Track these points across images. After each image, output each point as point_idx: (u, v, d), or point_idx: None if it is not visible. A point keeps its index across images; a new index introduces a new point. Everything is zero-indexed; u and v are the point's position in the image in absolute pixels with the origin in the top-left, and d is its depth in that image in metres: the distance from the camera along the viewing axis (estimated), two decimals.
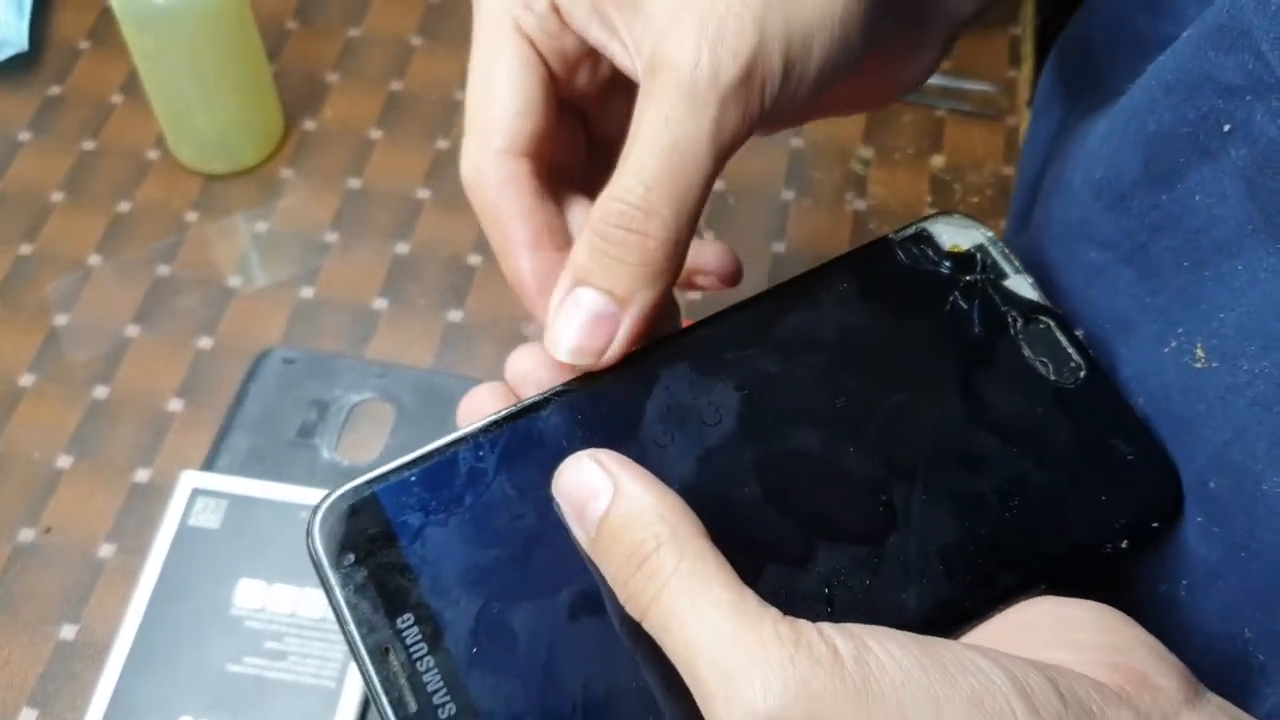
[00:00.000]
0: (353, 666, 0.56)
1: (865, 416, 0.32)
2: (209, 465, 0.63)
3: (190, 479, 0.61)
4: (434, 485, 0.30)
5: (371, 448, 0.63)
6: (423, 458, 0.31)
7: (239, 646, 0.57)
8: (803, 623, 0.25)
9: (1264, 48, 0.33)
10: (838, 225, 0.72)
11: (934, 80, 0.78)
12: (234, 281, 0.70)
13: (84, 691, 0.56)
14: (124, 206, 0.73)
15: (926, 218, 0.36)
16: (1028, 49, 0.80)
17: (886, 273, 0.35)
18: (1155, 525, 0.32)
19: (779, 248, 0.71)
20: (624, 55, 0.35)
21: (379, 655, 0.28)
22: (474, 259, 0.71)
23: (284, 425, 0.64)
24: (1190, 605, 0.36)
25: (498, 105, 0.35)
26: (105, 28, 0.81)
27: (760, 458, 0.31)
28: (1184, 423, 0.36)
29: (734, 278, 0.42)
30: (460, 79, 0.79)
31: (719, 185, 0.74)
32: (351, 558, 0.29)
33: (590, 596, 0.29)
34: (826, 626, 0.25)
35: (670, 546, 0.26)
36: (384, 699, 0.27)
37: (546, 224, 0.36)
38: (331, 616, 0.44)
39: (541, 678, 0.28)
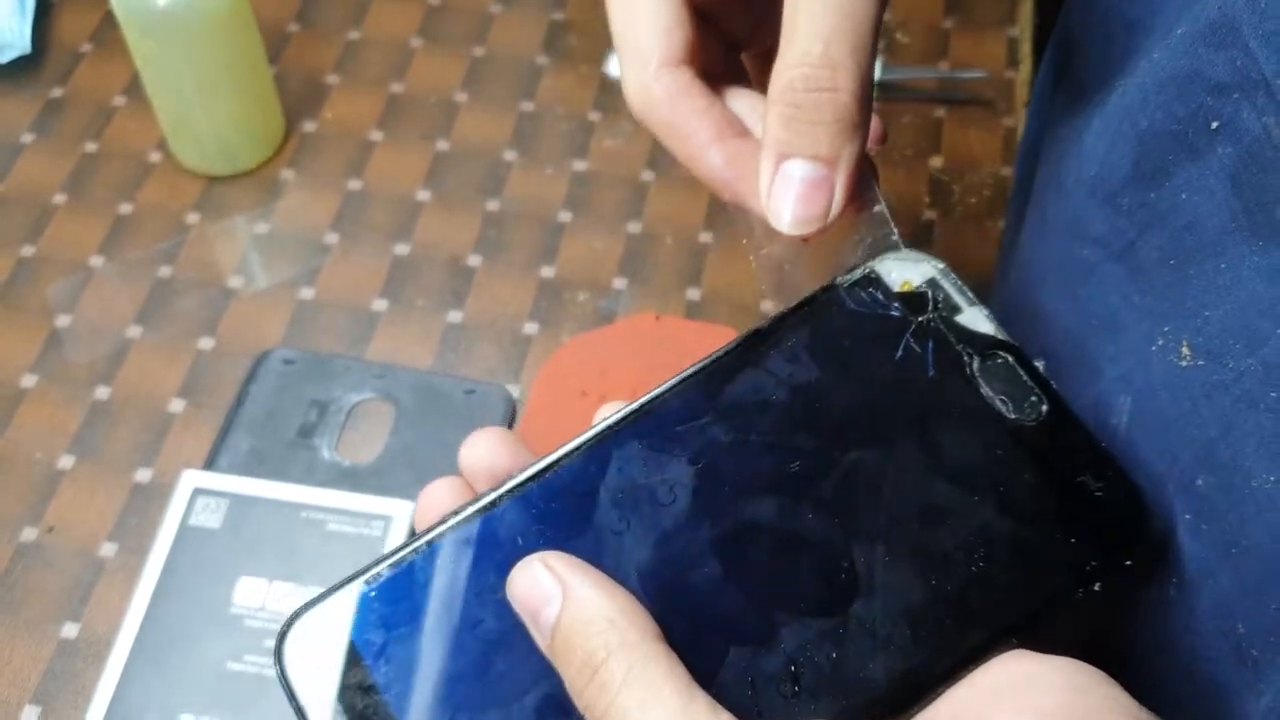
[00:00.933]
0: None
1: (822, 479, 0.31)
2: (210, 465, 0.63)
3: (191, 478, 0.61)
4: (394, 598, 0.30)
5: (371, 447, 0.64)
6: (381, 569, 0.31)
7: (239, 645, 0.57)
8: None
9: (1252, 44, 0.33)
10: None
11: (930, 74, 0.78)
12: (235, 283, 0.70)
13: (86, 689, 0.57)
14: (125, 208, 0.73)
15: (874, 257, 0.35)
16: (1026, 50, 0.80)
17: (835, 323, 0.34)
18: (1129, 563, 0.31)
19: None
20: None
21: None
22: (474, 260, 0.71)
23: (284, 425, 0.64)
24: (1180, 604, 0.36)
25: (645, 25, 0.36)
26: (107, 31, 0.81)
27: (717, 535, 0.30)
28: (1171, 420, 0.36)
29: (882, 137, 0.44)
30: (459, 82, 0.79)
31: None
32: (317, 679, 0.29)
33: (557, 697, 0.28)
34: None
35: (619, 655, 0.26)
36: None
37: (722, 117, 0.37)
38: None
39: None
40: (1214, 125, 0.37)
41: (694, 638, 0.27)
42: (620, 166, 0.75)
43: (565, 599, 0.27)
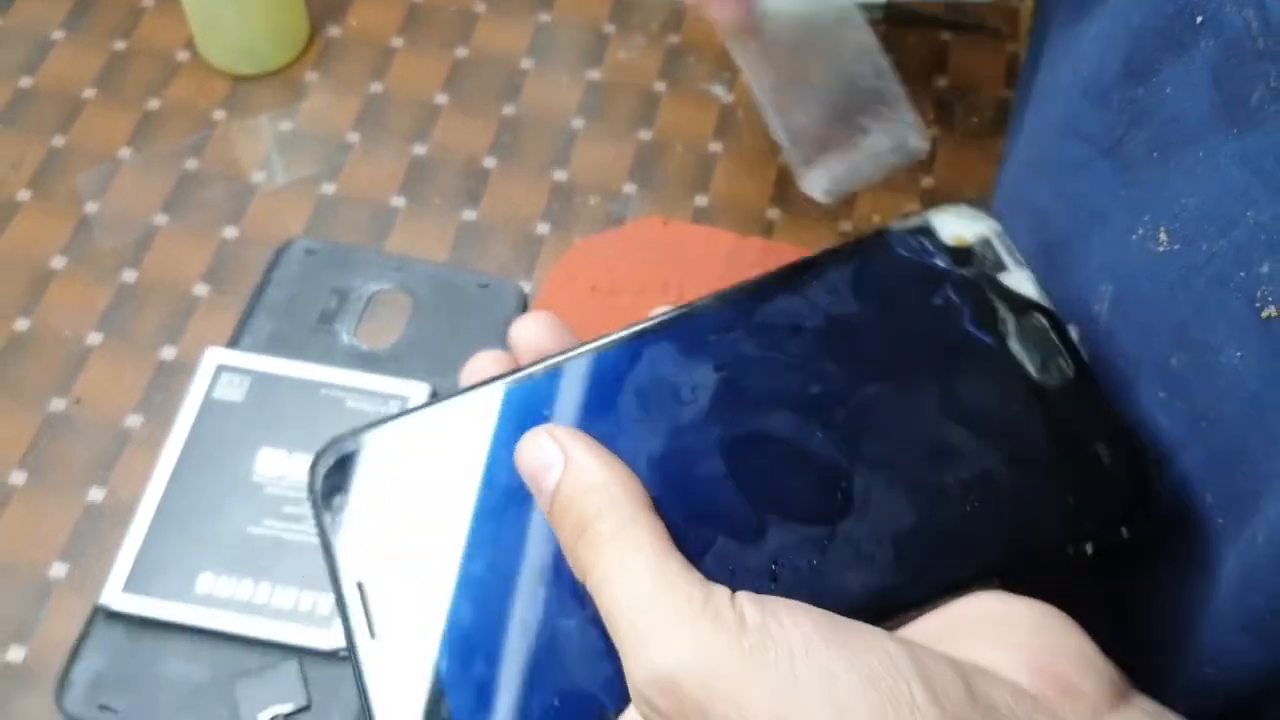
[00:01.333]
0: None
1: (837, 403, 0.32)
2: (233, 345, 0.66)
3: (215, 355, 0.64)
4: (425, 438, 0.32)
5: (388, 334, 0.66)
6: (420, 411, 0.32)
7: (259, 510, 0.60)
8: (718, 589, 0.27)
9: None
10: None
11: None
12: (258, 177, 0.73)
13: (111, 549, 0.59)
14: (153, 104, 0.76)
15: (932, 209, 0.36)
16: None
17: (881, 264, 0.35)
18: (1124, 533, 0.32)
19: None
20: None
21: (356, 590, 0.30)
22: (489, 162, 0.74)
23: (305, 311, 0.67)
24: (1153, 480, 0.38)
25: None
26: None
27: (728, 436, 0.32)
28: (1148, 304, 0.38)
29: None
30: None
31: (728, 99, 0.76)
32: (342, 500, 0.31)
33: (555, 556, 0.30)
34: (743, 595, 0.27)
35: (609, 514, 0.28)
36: (354, 633, 0.29)
37: None
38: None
39: (509, 626, 0.30)
40: (1198, 20, 0.40)
41: (686, 522, 0.29)
42: (633, 77, 0.78)
43: (566, 466, 0.29)
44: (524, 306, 0.68)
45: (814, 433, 0.32)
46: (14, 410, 0.64)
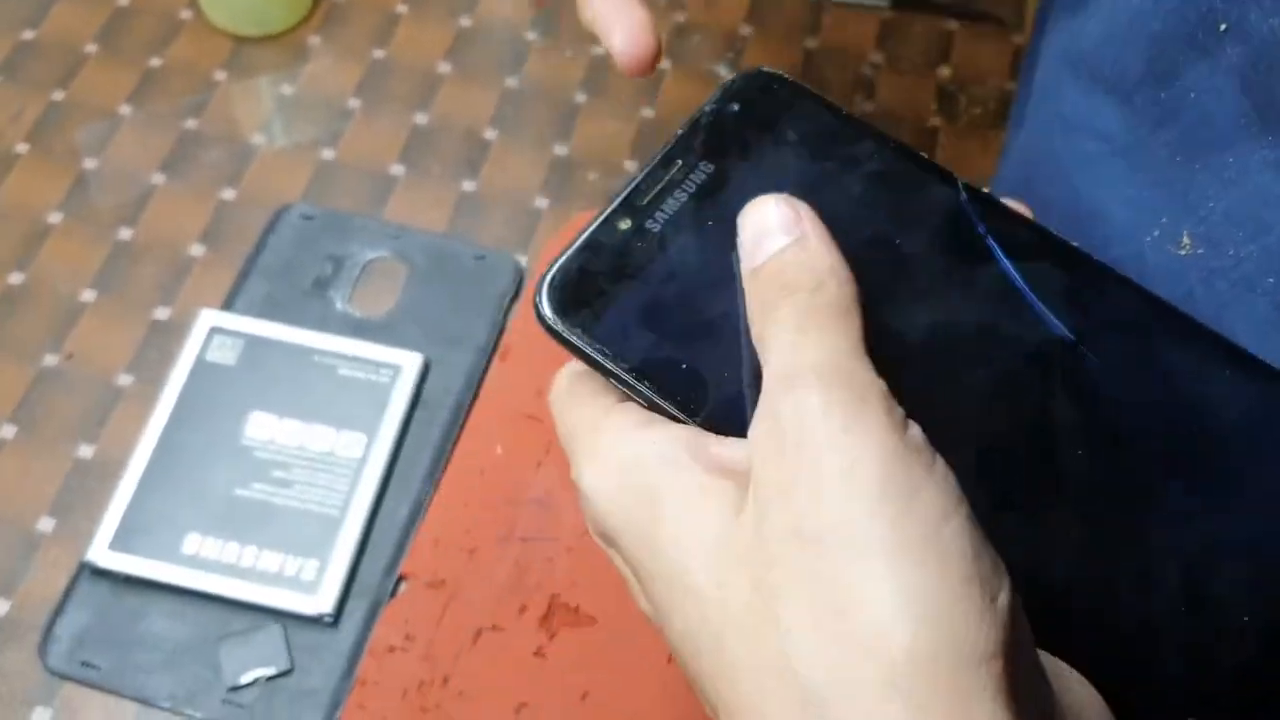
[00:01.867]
0: (356, 496, 0.59)
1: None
2: (227, 307, 0.66)
3: (209, 317, 0.64)
4: (632, 237, 0.32)
5: (383, 303, 0.66)
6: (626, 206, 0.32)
7: (248, 473, 0.60)
8: (899, 409, 0.26)
9: None
10: None
11: None
12: (258, 140, 0.73)
13: (99, 505, 0.59)
14: (155, 62, 0.75)
15: None
16: None
17: None
18: None
19: None
20: None
21: (637, 375, 0.30)
22: (490, 134, 0.73)
23: (300, 276, 0.67)
24: None
25: None
26: None
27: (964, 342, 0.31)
28: None
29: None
30: None
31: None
32: (582, 313, 0.31)
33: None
34: (915, 429, 0.26)
35: (824, 290, 0.28)
36: (663, 402, 0.29)
37: None
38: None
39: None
40: (1222, 27, 0.40)
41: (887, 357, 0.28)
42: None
43: (801, 239, 0.29)
44: (520, 281, 0.68)
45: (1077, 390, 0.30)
46: (6, 364, 0.64)
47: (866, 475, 0.25)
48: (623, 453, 0.29)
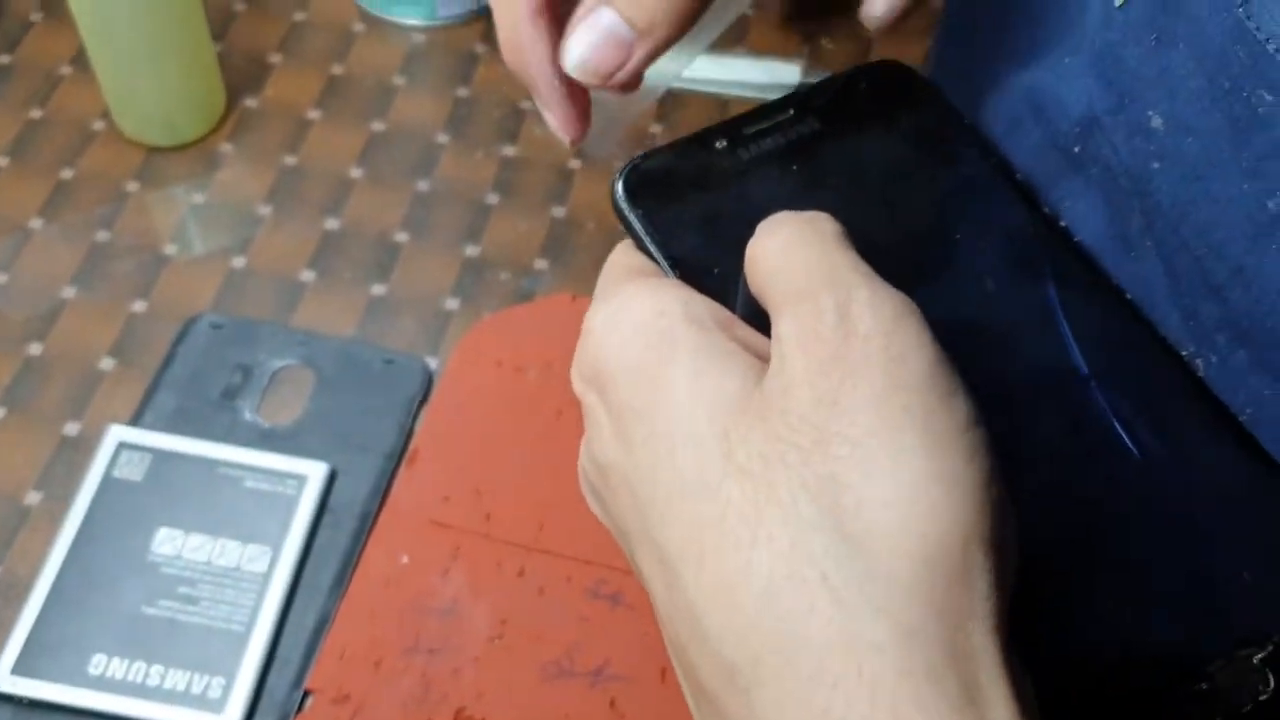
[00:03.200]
0: (262, 611, 0.59)
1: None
2: (136, 422, 0.66)
3: (117, 433, 0.64)
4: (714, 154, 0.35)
5: (291, 411, 0.67)
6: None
7: (155, 590, 0.60)
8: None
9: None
10: None
11: None
12: (170, 249, 0.73)
13: (3, 629, 0.59)
14: (67, 174, 0.76)
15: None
16: None
17: None
18: None
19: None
20: None
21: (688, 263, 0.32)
22: (401, 236, 0.74)
23: (209, 386, 0.67)
24: None
25: None
26: (56, 1, 0.84)
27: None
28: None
29: None
30: (398, 67, 0.82)
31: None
32: (648, 201, 0.33)
33: None
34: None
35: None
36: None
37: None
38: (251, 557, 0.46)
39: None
40: (1076, 150, 0.42)
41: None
42: (549, 154, 0.79)
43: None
44: (428, 383, 0.68)
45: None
46: None
47: (914, 367, 0.26)
48: (647, 302, 0.29)
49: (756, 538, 0.25)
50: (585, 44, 0.35)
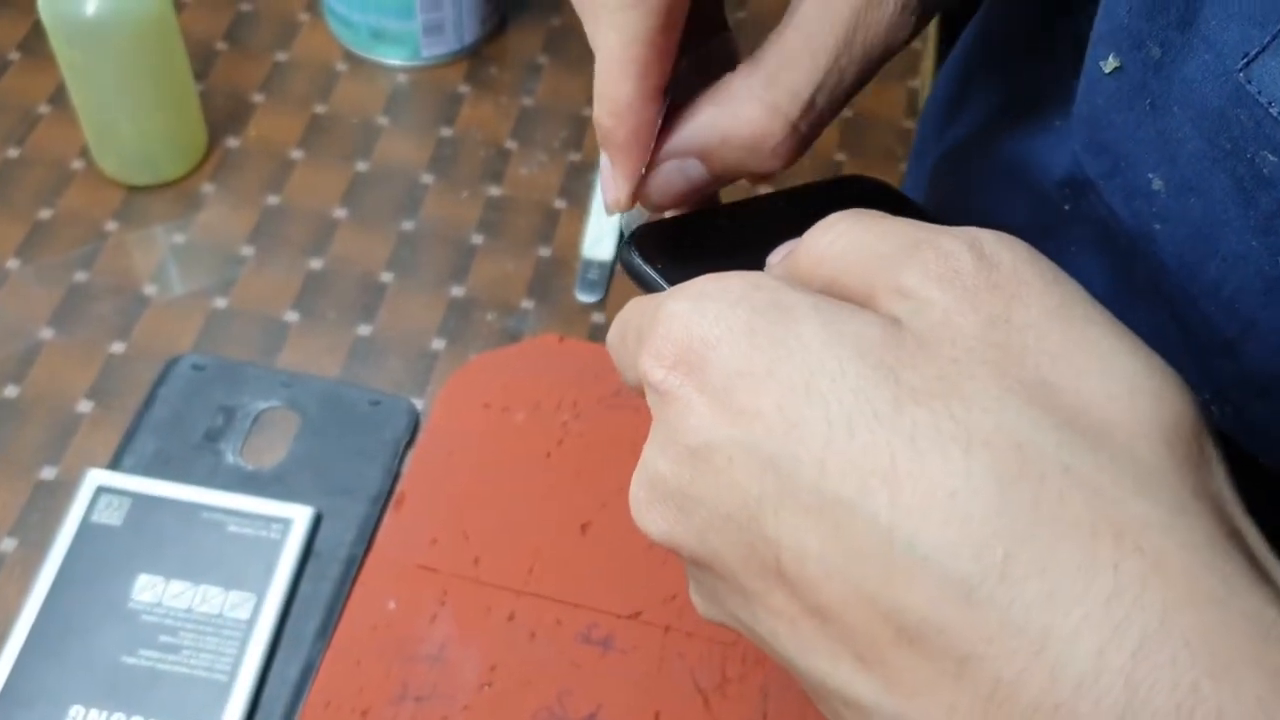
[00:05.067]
0: (245, 660, 0.58)
1: None
2: (115, 465, 0.64)
3: (95, 477, 0.63)
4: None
5: (275, 453, 0.65)
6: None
7: (134, 639, 0.58)
8: None
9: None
10: None
11: None
12: (150, 290, 0.72)
13: None
14: (45, 214, 0.75)
15: None
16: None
17: None
18: None
19: None
20: None
21: None
22: (386, 276, 0.73)
23: (191, 429, 0.66)
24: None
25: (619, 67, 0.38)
26: (35, 39, 0.83)
27: None
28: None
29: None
30: (381, 106, 0.82)
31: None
32: (663, 265, 0.36)
33: None
34: None
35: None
36: None
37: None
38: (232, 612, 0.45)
39: None
40: (1065, 208, 0.42)
41: None
42: (534, 193, 0.78)
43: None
44: (415, 425, 0.67)
45: None
46: None
47: (1071, 287, 0.26)
48: (733, 280, 0.28)
49: (971, 443, 0.23)
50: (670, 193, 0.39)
